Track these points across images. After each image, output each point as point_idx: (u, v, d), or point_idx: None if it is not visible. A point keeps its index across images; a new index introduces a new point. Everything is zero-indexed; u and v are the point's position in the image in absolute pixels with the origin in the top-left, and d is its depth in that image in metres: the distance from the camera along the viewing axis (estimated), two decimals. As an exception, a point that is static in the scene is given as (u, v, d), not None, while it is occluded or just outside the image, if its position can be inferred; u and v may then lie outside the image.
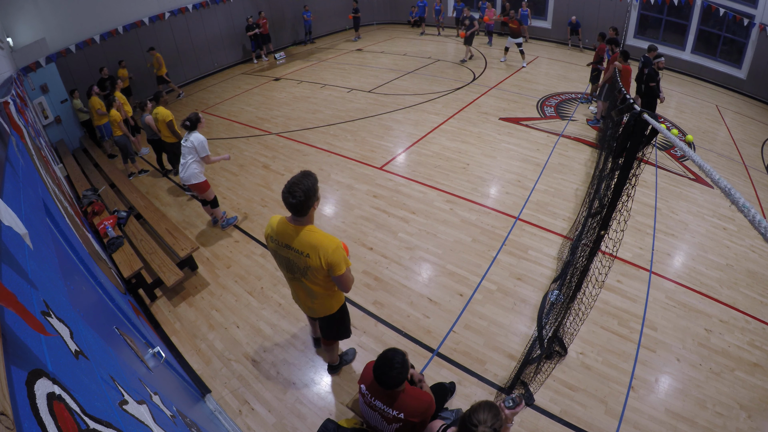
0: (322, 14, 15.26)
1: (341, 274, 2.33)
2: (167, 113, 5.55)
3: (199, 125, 4.59)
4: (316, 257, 2.28)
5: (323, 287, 2.50)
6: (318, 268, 2.32)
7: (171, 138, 5.65)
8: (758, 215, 0.87)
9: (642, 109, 1.86)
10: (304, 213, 2.25)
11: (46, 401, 0.70)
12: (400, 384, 2.08)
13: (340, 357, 3.40)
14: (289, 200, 2.18)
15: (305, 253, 2.31)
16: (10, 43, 7.48)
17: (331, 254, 2.27)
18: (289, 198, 2.18)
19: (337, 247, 2.28)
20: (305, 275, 2.42)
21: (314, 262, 2.30)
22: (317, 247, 2.27)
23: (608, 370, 3.32)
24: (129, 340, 1.84)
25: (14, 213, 0.96)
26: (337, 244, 2.30)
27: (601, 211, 2.63)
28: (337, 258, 2.28)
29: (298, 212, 2.25)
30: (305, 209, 2.23)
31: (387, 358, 2.06)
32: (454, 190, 5.71)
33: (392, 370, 2.03)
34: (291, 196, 2.17)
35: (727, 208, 5.41)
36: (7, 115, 2.59)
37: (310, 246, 2.29)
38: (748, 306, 3.96)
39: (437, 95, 9.23)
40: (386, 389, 2.09)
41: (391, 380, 2.04)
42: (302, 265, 2.37)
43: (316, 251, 2.28)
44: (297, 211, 2.24)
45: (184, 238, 4.55)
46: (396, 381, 2.05)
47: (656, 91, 6.83)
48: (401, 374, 2.04)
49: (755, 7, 9.61)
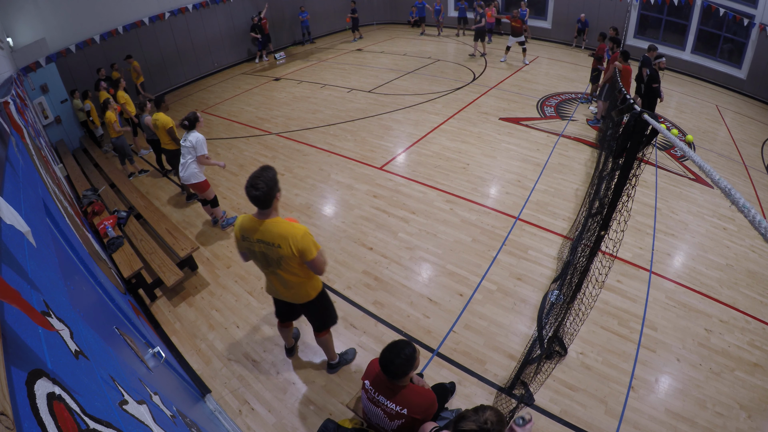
0: (322, 14, 15.28)
1: (313, 258, 2.42)
2: (167, 120, 5.39)
3: (197, 124, 4.59)
4: (286, 246, 2.37)
5: (299, 275, 2.57)
6: (290, 256, 2.40)
7: (171, 145, 5.52)
8: (758, 215, 0.87)
9: (642, 110, 1.86)
10: (268, 205, 2.36)
11: (46, 401, 0.70)
12: (403, 375, 2.05)
13: (340, 356, 3.40)
14: (253, 193, 2.27)
15: (276, 243, 2.40)
16: (10, 43, 7.48)
17: (300, 240, 2.37)
18: (252, 191, 2.27)
19: (304, 234, 2.38)
20: (280, 266, 2.50)
21: (286, 251, 2.39)
22: (286, 236, 2.37)
23: (608, 370, 3.32)
24: (129, 340, 1.84)
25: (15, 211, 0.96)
26: (303, 230, 2.39)
27: (601, 211, 2.63)
28: (307, 243, 2.38)
29: (262, 204, 2.34)
30: (269, 201, 2.34)
31: (396, 346, 2.06)
32: (454, 190, 5.71)
33: (398, 358, 2.02)
34: (254, 189, 2.27)
35: (727, 208, 5.42)
36: (7, 115, 2.59)
37: (280, 236, 2.38)
38: (748, 306, 3.96)
39: (437, 95, 9.23)
40: (390, 379, 2.08)
41: (395, 368, 2.02)
42: (275, 256, 2.45)
43: (285, 240, 2.37)
44: (261, 203, 2.34)
45: (184, 238, 4.55)
46: (400, 370, 2.02)
47: (657, 91, 6.83)
48: (406, 364, 2.02)
49: (755, 7, 9.62)
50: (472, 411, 1.69)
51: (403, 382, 2.11)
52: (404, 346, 2.06)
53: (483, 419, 1.63)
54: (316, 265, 2.48)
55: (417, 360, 2.09)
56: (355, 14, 14.42)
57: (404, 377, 2.08)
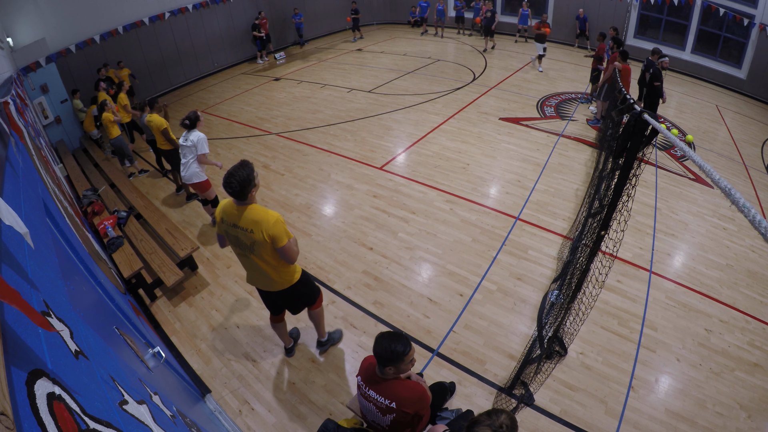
0: (322, 14, 15.26)
1: (283, 246, 2.54)
2: (161, 121, 5.35)
3: (198, 124, 4.59)
4: (258, 232, 2.51)
5: (272, 261, 2.68)
6: (262, 241, 2.54)
7: (166, 145, 5.50)
8: (758, 215, 0.87)
9: (642, 109, 1.86)
10: (243, 198, 2.52)
11: (46, 401, 0.70)
12: (395, 359, 2.04)
13: (329, 334, 3.56)
14: (227, 189, 2.47)
15: (249, 229, 2.54)
16: (10, 43, 7.48)
17: (272, 227, 2.50)
18: (227, 188, 2.47)
19: (276, 221, 2.51)
20: (253, 251, 2.63)
21: (258, 236, 2.52)
22: (258, 222, 2.51)
23: (608, 370, 3.32)
24: (129, 340, 1.84)
25: (15, 212, 0.96)
26: (276, 217, 2.52)
27: (601, 211, 2.63)
28: (278, 230, 2.51)
29: (237, 198, 2.53)
30: (244, 195, 2.51)
31: (386, 332, 2.11)
32: (454, 190, 5.71)
33: (384, 339, 2.06)
34: (228, 186, 2.46)
35: (728, 208, 5.42)
36: (7, 115, 2.59)
37: (252, 222, 2.52)
38: (748, 306, 3.96)
39: (437, 95, 9.23)
40: (380, 366, 2.08)
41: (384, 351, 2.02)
42: (248, 241, 2.59)
43: (258, 226, 2.51)
44: (237, 197, 2.52)
45: (184, 238, 4.55)
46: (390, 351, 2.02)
47: (659, 90, 6.82)
48: (392, 344, 2.02)
49: (755, 7, 9.61)
50: (486, 415, 1.66)
51: (392, 372, 2.10)
52: (393, 333, 2.10)
53: (498, 423, 1.60)
54: (286, 252, 2.59)
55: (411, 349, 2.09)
56: (358, 14, 14.36)
57: (396, 362, 2.05)
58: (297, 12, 13.84)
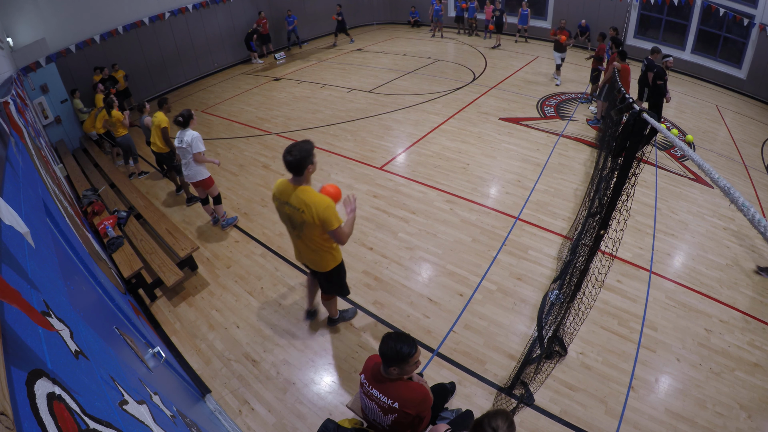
0: (322, 14, 15.24)
1: (334, 230, 2.68)
2: (164, 119, 5.29)
3: (191, 122, 4.57)
4: (309, 214, 2.63)
5: (319, 241, 2.83)
6: (312, 223, 2.66)
7: (163, 148, 5.43)
8: (758, 214, 0.87)
9: (642, 108, 1.86)
10: (300, 173, 2.60)
11: (46, 401, 0.70)
12: (401, 360, 2.03)
13: (341, 313, 3.74)
14: (287, 158, 2.53)
15: (300, 209, 2.66)
16: (10, 43, 7.48)
17: (323, 211, 2.61)
18: (287, 156, 2.53)
19: (327, 206, 2.62)
20: (302, 230, 2.77)
21: (308, 217, 2.64)
22: (310, 204, 2.62)
23: (608, 370, 3.32)
24: (129, 340, 1.85)
25: (15, 212, 0.96)
26: (327, 203, 2.63)
27: (600, 211, 2.63)
28: (328, 215, 2.62)
29: (294, 170, 2.59)
30: (301, 169, 2.58)
31: (388, 333, 2.12)
32: (454, 190, 5.71)
33: (390, 339, 2.06)
34: (289, 155, 2.53)
35: (727, 208, 5.42)
36: (7, 115, 2.59)
37: (305, 203, 2.63)
38: (748, 306, 3.96)
39: (437, 95, 9.23)
40: (386, 366, 2.08)
41: (391, 352, 2.01)
42: (299, 219, 2.71)
43: (309, 208, 2.62)
44: (293, 169, 2.59)
45: (184, 238, 4.55)
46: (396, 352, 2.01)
47: (663, 89, 6.81)
48: (399, 344, 2.01)
49: (755, 7, 9.61)
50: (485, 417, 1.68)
51: (396, 373, 2.09)
52: (398, 333, 2.10)
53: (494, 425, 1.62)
54: (337, 235, 2.74)
55: (417, 351, 2.07)
56: (340, 17, 13.85)
57: (400, 363, 2.04)
58: (290, 14, 13.62)
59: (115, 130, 6.50)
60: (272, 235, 5.04)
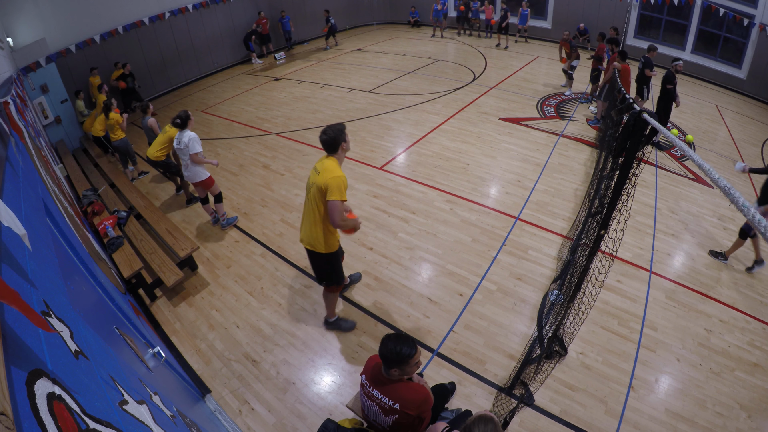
0: (322, 14, 15.24)
1: (331, 200, 2.78)
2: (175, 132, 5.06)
3: (189, 123, 4.59)
4: (322, 176, 2.81)
5: (318, 212, 2.94)
6: (319, 186, 2.81)
7: (159, 156, 5.33)
8: (757, 214, 0.87)
9: (642, 109, 1.86)
10: (334, 150, 2.87)
11: (46, 401, 0.70)
12: (401, 361, 2.03)
13: (338, 319, 3.70)
14: (322, 137, 2.83)
15: (318, 170, 2.87)
16: (10, 43, 7.48)
17: (331, 179, 2.77)
18: (322, 135, 2.83)
19: (337, 177, 2.78)
20: (309, 192, 2.94)
21: (319, 179, 2.82)
22: (326, 169, 2.82)
23: (608, 370, 3.32)
24: (129, 340, 1.84)
25: (13, 213, 0.96)
26: (340, 176, 2.80)
27: (601, 211, 2.63)
28: (335, 184, 2.76)
29: (329, 148, 2.86)
30: (335, 146, 2.85)
31: (388, 335, 2.11)
32: (454, 190, 5.71)
33: (389, 341, 2.05)
34: (323, 134, 2.82)
35: (727, 208, 5.42)
36: (7, 115, 2.59)
37: (324, 167, 2.85)
38: (748, 306, 3.96)
39: (437, 95, 9.23)
40: (387, 368, 2.08)
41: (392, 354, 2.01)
42: (312, 180, 2.91)
43: (324, 173, 2.82)
44: (328, 147, 2.86)
45: (184, 238, 4.55)
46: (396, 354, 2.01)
47: (672, 93, 6.83)
48: (399, 346, 2.01)
49: (755, 7, 9.61)
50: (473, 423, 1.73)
51: (397, 374, 2.09)
52: (399, 335, 2.09)
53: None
54: (331, 209, 2.80)
55: (417, 352, 2.07)
56: (328, 23, 13.59)
57: (401, 364, 2.04)
58: (284, 15, 13.49)
59: (112, 133, 6.47)
60: (272, 235, 5.04)
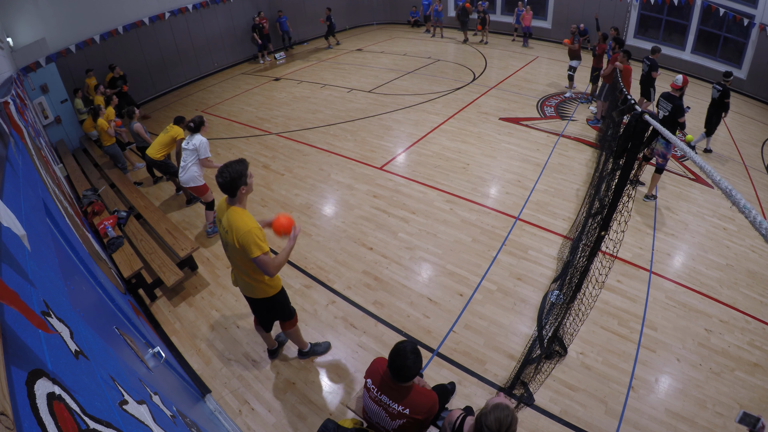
0: (322, 14, 15.22)
1: (255, 257, 2.48)
2: (181, 132, 5.24)
3: (202, 128, 4.65)
4: (232, 236, 2.50)
5: (244, 267, 2.67)
6: (234, 246, 2.53)
7: (159, 155, 5.36)
8: (759, 216, 0.87)
9: (643, 110, 1.86)
10: (232, 194, 2.52)
11: (46, 401, 0.70)
12: (414, 376, 2.08)
13: (312, 346, 3.48)
14: (218, 180, 2.44)
15: (227, 229, 2.55)
16: (10, 43, 7.47)
17: (242, 236, 2.45)
18: (218, 177, 2.45)
19: (249, 231, 2.45)
20: (228, 245, 2.64)
21: (231, 239, 2.51)
22: (232, 228, 2.50)
23: (608, 370, 3.32)
24: (129, 340, 1.84)
25: (13, 214, 0.96)
26: (249, 228, 2.45)
27: (601, 212, 2.63)
28: (247, 240, 2.44)
29: (226, 192, 2.51)
30: (233, 190, 2.48)
31: (405, 350, 2.08)
32: (454, 190, 5.70)
33: (407, 360, 2.04)
34: (219, 176, 2.44)
35: (728, 209, 5.41)
36: (7, 115, 2.59)
37: (229, 224, 2.52)
38: (748, 306, 3.96)
39: (437, 95, 9.23)
40: (399, 382, 2.10)
41: (408, 371, 2.04)
42: (227, 240, 2.59)
43: (231, 232, 2.50)
44: (226, 191, 2.50)
45: (184, 238, 4.55)
46: (411, 373, 2.05)
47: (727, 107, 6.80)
48: (416, 364, 2.05)
49: (755, 7, 9.61)
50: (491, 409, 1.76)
51: (409, 383, 2.13)
52: (406, 346, 2.09)
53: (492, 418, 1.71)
54: (260, 265, 2.52)
55: (420, 355, 2.12)
56: (329, 21, 13.63)
57: (413, 378, 2.11)
58: (281, 15, 13.43)
59: (101, 138, 6.45)
60: (272, 235, 5.03)
